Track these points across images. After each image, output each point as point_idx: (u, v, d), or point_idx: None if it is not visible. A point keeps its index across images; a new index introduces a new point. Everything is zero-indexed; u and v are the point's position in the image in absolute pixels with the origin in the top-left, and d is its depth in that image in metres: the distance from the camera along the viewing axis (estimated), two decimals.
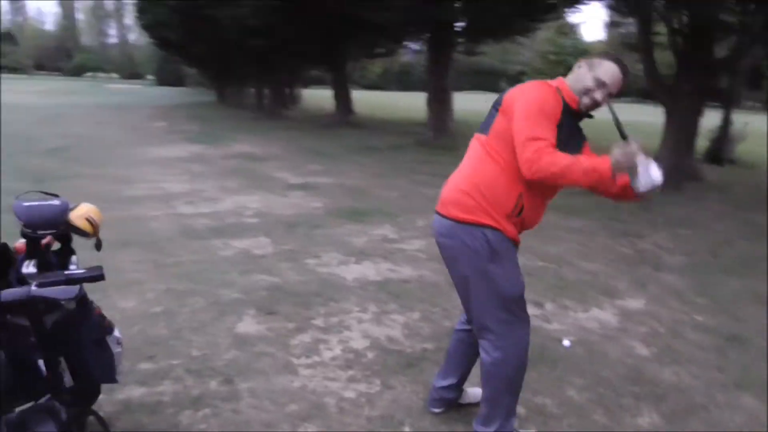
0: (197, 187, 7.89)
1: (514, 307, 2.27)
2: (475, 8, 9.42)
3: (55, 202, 1.78)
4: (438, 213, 2.28)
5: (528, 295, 3.92)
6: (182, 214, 6.37)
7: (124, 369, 2.82)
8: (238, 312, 3.75)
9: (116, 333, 2.20)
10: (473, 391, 2.70)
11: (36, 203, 1.75)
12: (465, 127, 17.49)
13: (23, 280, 1.73)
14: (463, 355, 2.60)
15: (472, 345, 2.48)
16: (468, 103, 22.50)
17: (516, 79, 35.35)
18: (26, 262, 1.79)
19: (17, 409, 1.71)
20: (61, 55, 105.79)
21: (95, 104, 27.06)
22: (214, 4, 14.54)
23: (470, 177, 2.19)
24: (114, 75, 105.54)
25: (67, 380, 2.05)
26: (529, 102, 2.07)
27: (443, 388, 2.62)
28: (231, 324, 3.57)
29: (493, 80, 58.94)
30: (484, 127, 2.22)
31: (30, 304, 1.50)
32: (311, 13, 12.32)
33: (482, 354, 2.32)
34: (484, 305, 2.26)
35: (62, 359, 1.98)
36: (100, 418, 2.15)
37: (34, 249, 1.77)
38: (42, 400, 1.87)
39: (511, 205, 2.15)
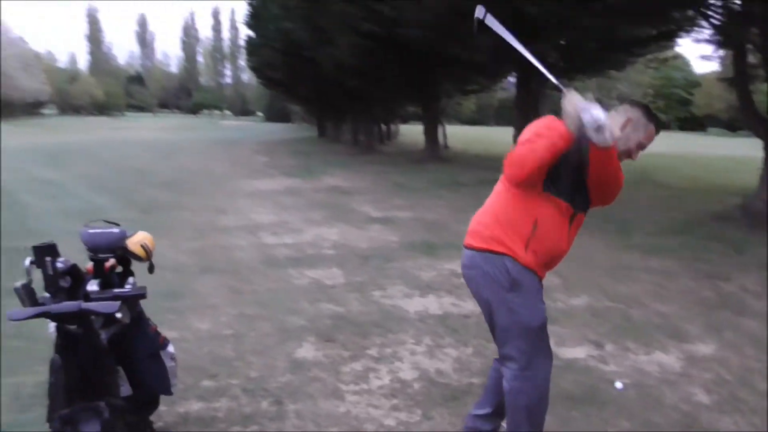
0: (284, 218, 8.34)
1: (535, 337, 2.33)
2: (563, 46, 9.35)
3: (115, 230, 2.07)
4: (464, 246, 2.37)
5: (588, 335, 3.92)
6: (266, 243, 6.78)
7: (186, 384, 3.13)
8: (300, 338, 3.98)
9: (170, 349, 2.46)
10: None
11: (98, 231, 2.05)
12: None
13: (87, 296, 2.02)
14: (500, 385, 2.64)
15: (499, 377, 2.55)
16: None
17: None
18: (91, 281, 2.09)
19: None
20: (182, 94, 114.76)
21: (208, 139, 29.04)
22: (314, 46, 15.44)
23: (489, 208, 2.32)
24: (228, 112, 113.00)
25: (126, 389, 2.33)
26: (538, 125, 2.13)
27: (477, 416, 2.67)
28: (291, 349, 3.80)
29: None
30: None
31: (83, 317, 1.77)
32: (403, 53, 12.73)
33: (504, 383, 2.38)
34: (506, 334, 2.32)
35: (120, 369, 2.26)
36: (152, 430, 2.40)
37: (97, 270, 2.06)
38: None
39: (528, 230, 2.21)
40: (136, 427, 2.36)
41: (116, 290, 1.99)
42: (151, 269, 2.33)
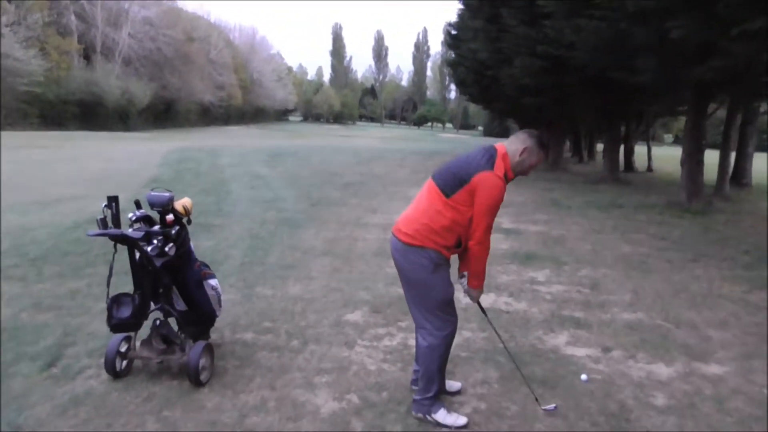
0: None
1: (445, 308, 3.09)
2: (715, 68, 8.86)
3: (166, 194, 3.29)
4: (394, 235, 3.17)
5: (606, 342, 4.35)
6: (388, 239, 7.84)
7: (251, 322, 4.35)
8: (356, 307, 5.00)
9: (212, 282, 3.67)
10: (451, 383, 3.48)
11: (156, 194, 3.29)
12: (741, 192, 15.63)
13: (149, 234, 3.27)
14: None
15: None
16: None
17: None
18: (153, 227, 3.33)
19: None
20: (409, 107, 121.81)
21: (417, 150, 31.10)
22: (497, 65, 16.25)
23: (429, 221, 2.99)
24: (449, 125, 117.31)
25: (181, 305, 3.57)
26: (491, 200, 2.90)
27: (416, 371, 3.45)
28: (343, 313, 4.84)
29: None
30: (446, 189, 2.96)
31: (131, 242, 3.03)
32: (577, 74, 12.95)
33: (419, 340, 3.15)
34: (423, 305, 3.09)
35: (175, 288, 3.50)
36: (209, 343, 3.58)
37: (160, 220, 3.31)
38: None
39: (452, 242, 3.01)
40: (195, 335, 3.63)
41: (152, 229, 3.20)
42: (189, 222, 3.50)
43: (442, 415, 3.13)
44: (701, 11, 7.50)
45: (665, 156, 29.23)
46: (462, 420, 3.14)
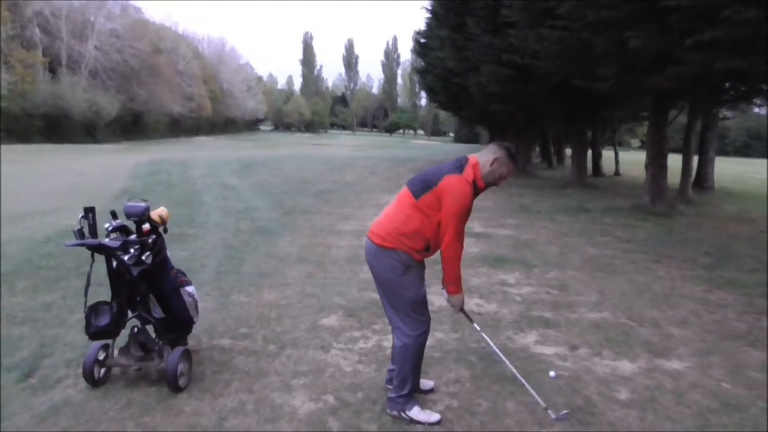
0: None
1: (418, 308, 3.21)
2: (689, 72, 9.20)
3: (142, 204, 3.36)
4: (368, 238, 3.29)
5: (573, 340, 4.48)
6: (362, 245, 7.93)
7: (228, 329, 4.41)
8: (331, 312, 5.10)
9: (188, 288, 3.73)
10: (424, 382, 3.60)
11: (132, 204, 3.36)
12: (704, 196, 16.17)
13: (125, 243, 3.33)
14: None
15: None
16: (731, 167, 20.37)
17: None
18: (129, 237, 3.40)
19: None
20: (380, 114, 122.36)
21: (388, 157, 31.29)
22: (464, 73, 16.56)
23: (400, 225, 3.13)
24: (421, 132, 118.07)
25: (158, 313, 3.63)
26: (457, 204, 3.02)
27: (390, 371, 3.56)
28: (318, 318, 4.93)
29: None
30: (416, 192, 3.11)
31: (108, 251, 3.10)
32: (540, 82, 13.29)
33: (394, 341, 3.27)
34: (397, 306, 3.21)
35: (152, 296, 3.57)
36: (187, 349, 3.64)
37: (137, 229, 3.38)
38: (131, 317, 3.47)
39: (421, 246, 3.14)
40: (173, 341, 3.69)
41: (129, 238, 3.27)
42: (165, 231, 3.57)
43: (415, 412, 3.25)
44: (657, 22, 7.84)
45: (633, 160, 29.93)
46: (435, 417, 3.26)
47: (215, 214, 10.16)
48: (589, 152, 21.99)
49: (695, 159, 16.91)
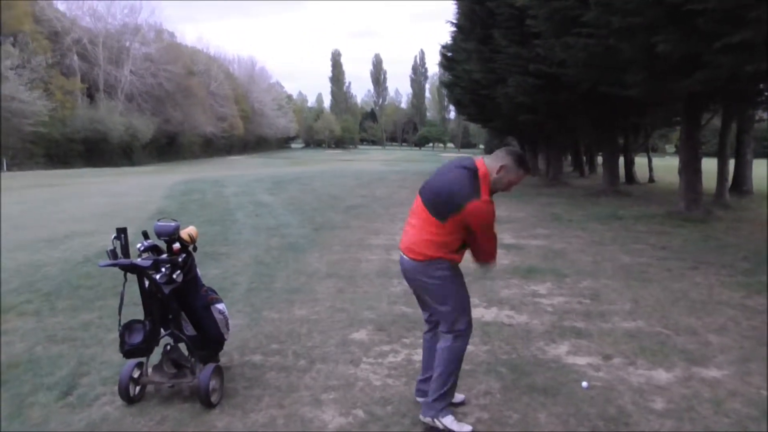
0: None
1: (467, 309, 3.31)
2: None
3: (172, 224, 3.45)
4: (407, 257, 3.28)
5: (606, 350, 4.45)
6: (391, 260, 7.99)
7: (259, 345, 4.47)
8: (361, 326, 5.12)
9: (219, 306, 3.80)
10: (455, 395, 3.59)
11: (162, 224, 3.45)
12: (742, 200, 15.72)
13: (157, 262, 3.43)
14: (432, 352, 3.53)
15: (434, 342, 3.50)
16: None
17: None
18: (161, 256, 3.50)
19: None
20: (410, 129, 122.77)
21: (418, 170, 31.32)
22: (492, 85, 16.56)
23: (433, 237, 3.16)
24: (451, 145, 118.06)
25: (190, 330, 3.72)
26: (487, 224, 3.11)
27: (423, 381, 3.55)
28: (349, 333, 4.96)
29: None
30: (440, 216, 3.12)
31: (141, 271, 3.19)
32: (568, 90, 13.20)
33: (442, 345, 3.29)
34: (454, 307, 3.25)
35: (183, 314, 3.65)
36: (218, 365, 3.71)
37: (167, 249, 3.47)
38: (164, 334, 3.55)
39: (457, 246, 3.20)
40: (205, 358, 3.76)
41: (160, 258, 3.36)
42: (194, 249, 3.65)
43: (449, 420, 3.24)
44: (684, 26, 7.73)
45: (667, 166, 29.34)
46: (467, 428, 3.25)
47: (247, 232, 10.31)
48: (622, 159, 21.69)
49: (732, 162, 16.49)
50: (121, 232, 3.25)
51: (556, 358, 4.43)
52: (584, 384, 3.90)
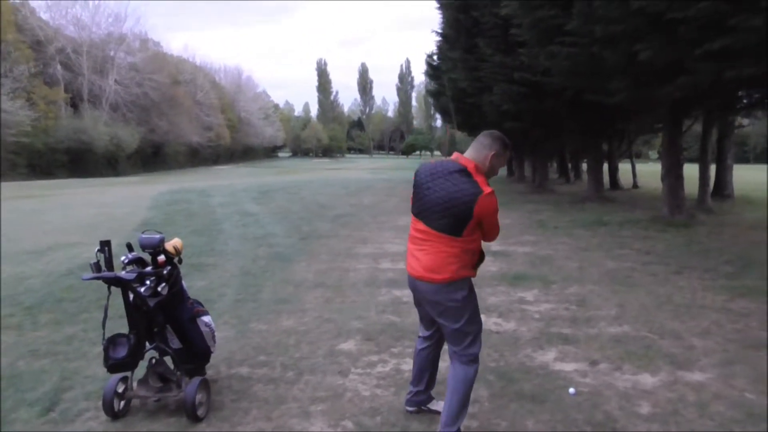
0: None
1: (480, 329, 3.26)
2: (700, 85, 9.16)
3: (156, 236, 3.43)
4: (426, 281, 3.13)
5: (593, 355, 4.44)
6: (378, 268, 7.99)
7: (246, 356, 4.43)
8: (349, 336, 5.10)
9: (205, 318, 3.78)
10: (439, 403, 3.58)
11: (147, 236, 3.43)
12: (724, 204, 15.93)
13: (142, 275, 3.40)
14: (424, 364, 3.53)
15: (429, 358, 3.52)
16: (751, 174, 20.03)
17: None
18: (145, 269, 3.47)
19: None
20: (397, 137, 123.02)
21: (406, 179, 31.27)
22: (477, 93, 16.68)
23: (451, 256, 3.06)
24: (437, 153, 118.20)
25: (176, 343, 3.68)
26: (496, 214, 3.06)
27: (418, 392, 3.55)
28: (336, 343, 4.94)
29: None
30: (453, 231, 3.03)
31: (124, 284, 3.16)
32: (553, 98, 13.32)
33: (458, 368, 3.20)
34: (469, 331, 3.19)
35: (169, 327, 3.62)
36: (205, 379, 3.67)
37: (152, 261, 3.45)
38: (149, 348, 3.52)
39: (476, 260, 3.20)
40: (191, 372, 3.73)
41: (145, 270, 3.34)
42: (179, 261, 3.63)
43: None
44: (665, 34, 7.83)
45: (650, 172, 29.66)
46: None
47: (234, 242, 10.26)
48: (606, 166, 21.88)
49: (713, 168, 16.70)
50: (105, 245, 3.22)
51: (544, 364, 4.44)
52: (571, 390, 3.92)
